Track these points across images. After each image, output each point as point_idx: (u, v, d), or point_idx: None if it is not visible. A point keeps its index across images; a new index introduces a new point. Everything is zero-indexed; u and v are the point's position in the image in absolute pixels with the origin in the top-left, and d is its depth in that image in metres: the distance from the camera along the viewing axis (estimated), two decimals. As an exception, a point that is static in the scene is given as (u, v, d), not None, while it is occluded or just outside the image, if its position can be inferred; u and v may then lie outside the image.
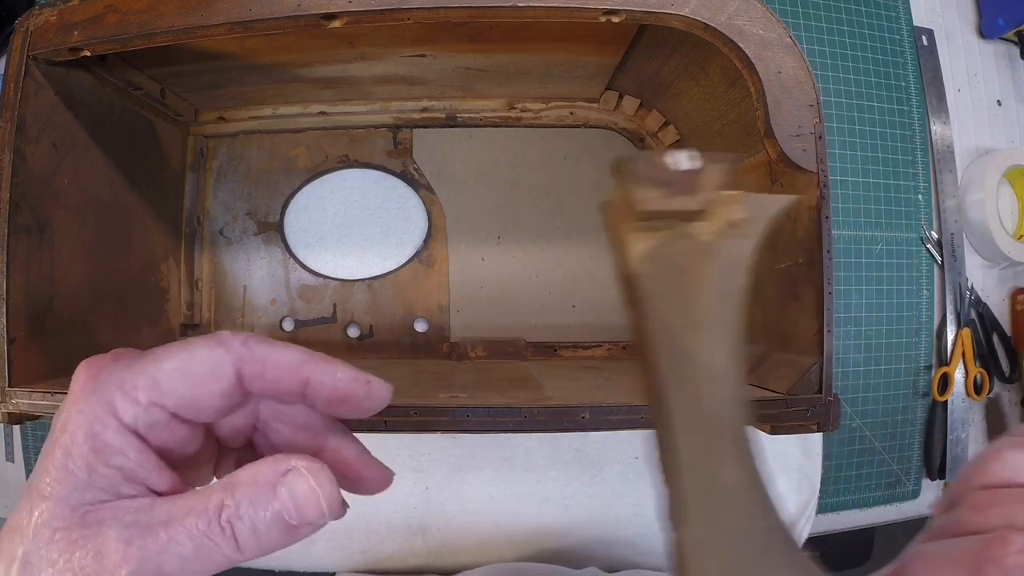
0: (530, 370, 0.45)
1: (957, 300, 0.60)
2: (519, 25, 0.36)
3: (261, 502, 0.18)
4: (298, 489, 0.18)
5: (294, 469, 0.19)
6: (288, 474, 0.19)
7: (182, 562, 0.18)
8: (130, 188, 0.43)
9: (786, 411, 0.32)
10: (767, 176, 0.37)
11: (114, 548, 0.17)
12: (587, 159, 0.52)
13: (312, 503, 0.19)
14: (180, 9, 0.32)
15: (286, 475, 0.19)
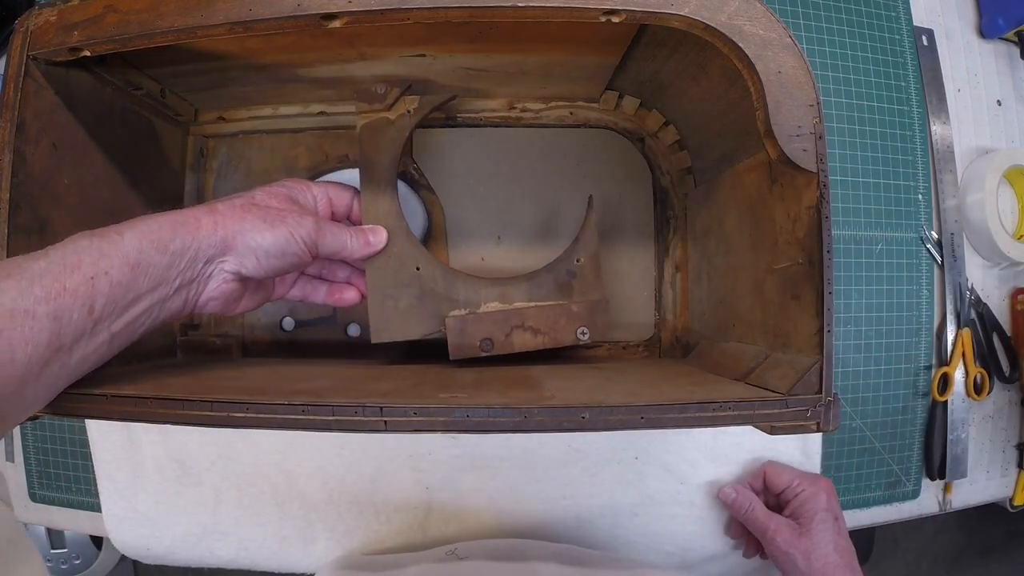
0: (530, 370, 0.45)
1: (957, 300, 0.60)
2: (519, 25, 0.36)
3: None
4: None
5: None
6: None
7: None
8: (130, 188, 0.43)
9: (786, 411, 0.32)
10: (767, 176, 0.37)
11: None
12: (587, 159, 0.52)
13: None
14: (180, 9, 0.32)
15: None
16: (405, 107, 0.46)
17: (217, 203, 0.36)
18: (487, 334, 0.45)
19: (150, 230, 0.32)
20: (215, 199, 0.39)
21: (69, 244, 0.30)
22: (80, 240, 0.30)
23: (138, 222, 0.32)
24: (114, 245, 0.31)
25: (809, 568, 0.46)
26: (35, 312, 0.28)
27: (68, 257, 0.29)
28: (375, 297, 0.45)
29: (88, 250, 0.30)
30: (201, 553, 0.55)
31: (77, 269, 0.29)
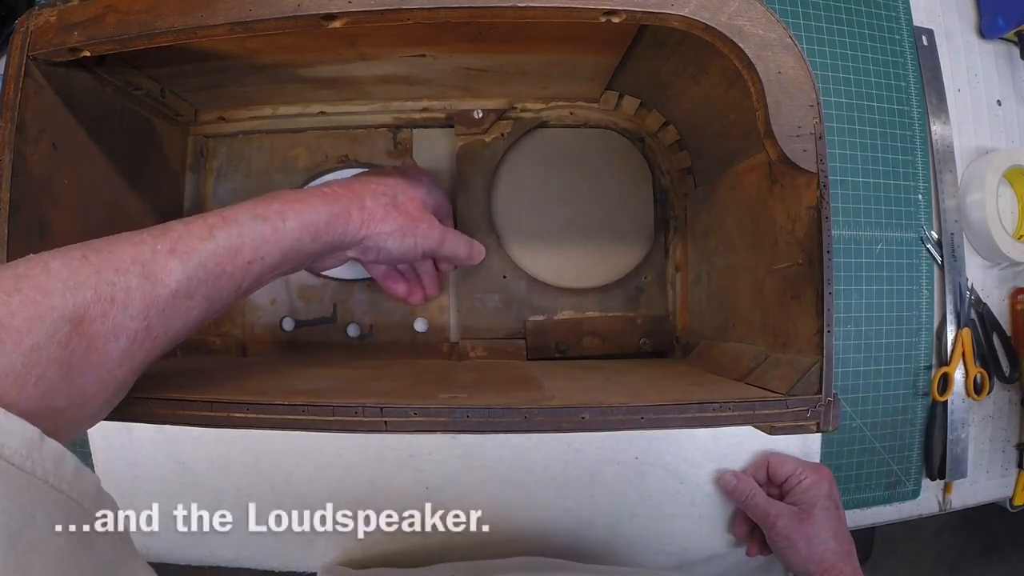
0: (530, 370, 0.45)
1: (957, 300, 0.60)
2: (519, 25, 0.36)
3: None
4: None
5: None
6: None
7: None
8: (130, 188, 0.43)
9: (786, 411, 0.32)
10: (767, 176, 0.37)
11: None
12: (587, 159, 0.52)
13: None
14: (180, 9, 0.32)
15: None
16: (499, 131, 0.51)
17: (366, 196, 0.38)
18: (561, 338, 0.51)
19: (310, 220, 0.34)
20: (360, 181, 0.40)
21: (234, 225, 0.31)
22: (244, 220, 0.31)
23: (297, 204, 0.34)
24: (277, 232, 0.32)
25: (809, 554, 0.47)
26: (195, 294, 0.29)
27: (233, 240, 0.30)
28: (464, 299, 0.51)
29: (252, 234, 0.31)
30: (201, 553, 0.55)
31: (239, 253, 0.31)
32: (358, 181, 0.39)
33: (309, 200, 0.34)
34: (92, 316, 0.25)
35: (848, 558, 0.47)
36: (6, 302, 0.23)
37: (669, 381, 0.40)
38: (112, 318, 0.26)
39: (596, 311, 0.52)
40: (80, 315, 0.25)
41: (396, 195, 0.39)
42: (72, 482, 0.22)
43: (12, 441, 0.20)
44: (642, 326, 0.52)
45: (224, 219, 0.31)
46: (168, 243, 0.28)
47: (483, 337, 0.51)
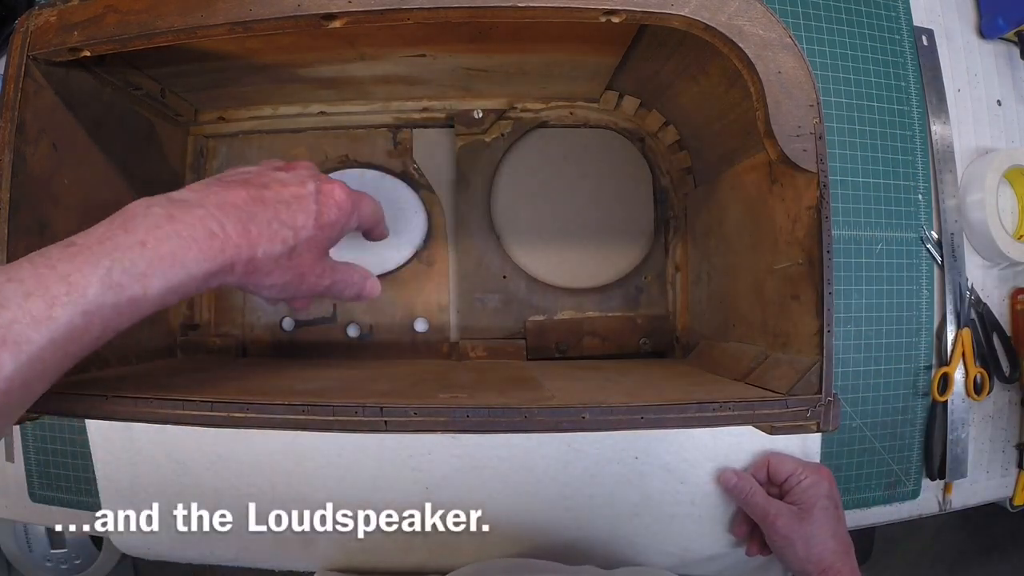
0: (530, 370, 0.45)
1: (957, 300, 0.60)
2: (519, 25, 0.36)
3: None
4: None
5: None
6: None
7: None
8: (130, 188, 0.43)
9: (786, 411, 0.32)
10: (767, 176, 0.37)
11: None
12: (587, 159, 0.52)
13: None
14: (180, 9, 0.32)
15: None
16: (499, 131, 0.51)
17: (262, 243, 0.31)
18: (561, 338, 0.51)
19: (181, 282, 0.28)
20: (275, 208, 0.32)
21: (80, 301, 0.25)
22: (94, 292, 0.26)
23: (166, 264, 0.27)
24: (134, 304, 0.27)
25: (808, 553, 0.47)
26: (30, 383, 0.25)
27: (77, 321, 0.26)
28: (464, 299, 0.51)
29: (104, 311, 0.26)
30: (201, 553, 0.55)
31: (86, 332, 0.26)
32: (268, 207, 0.31)
33: (184, 254, 0.28)
34: None
35: (846, 558, 0.47)
36: None
37: (669, 381, 0.40)
38: None
39: (596, 311, 0.52)
40: None
41: (299, 243, 0.32)
42: None
43: None
44: (642, 326, 0.52)
45: (69, 290, 0.25)
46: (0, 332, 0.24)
47: (483, 337, 0.51)
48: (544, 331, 0.51)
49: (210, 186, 0.31)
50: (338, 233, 0.35)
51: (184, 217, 0.28)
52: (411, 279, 0.52)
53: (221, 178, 0.33)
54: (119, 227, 0.27)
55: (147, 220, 0.28)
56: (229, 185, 0.31)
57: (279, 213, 0.32)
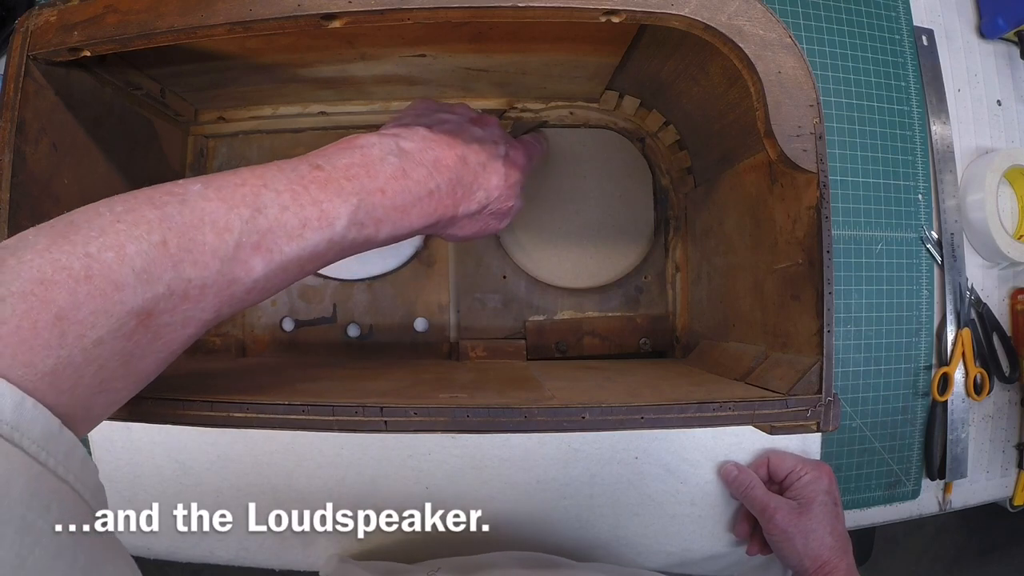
0: (530, 370, 0.45)
1: (957, 300, 0.60)
2: (519, 25, 0.36)
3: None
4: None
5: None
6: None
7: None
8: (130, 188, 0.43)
9: (786, 411, 0.32)
10: (767, 176, 0.37)
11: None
12: (587, 159, 0.52)
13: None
14: (180, 9, 0.32)
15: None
16: None
17: (462, 203, 0.35)
18: (561, 338, 0.51)
19: (404, 230, 0.32)
20: (472, 170, 0.35)
21: (327, 229, 0.28)
22: (341, 224, 0.29)
23: (396, 215, 0.31)
24: (368, 242, 0.31)
25: (806, 548, 0.47)
26: (268, 289, 0.28)
27: (321, 247, 0.28)
28: (464, 299, 0.51)
29: (343, 243, 0.29)
30: (201, 553, 0.55)
31: (322, 258, 0.29)
32: (470, 170, 0.35)
33: (409, 210, 0.31)
34: (161, 310, 0.24)
35: (844, 554, 0.47)
36: (72, 290, 0.21)
37: (669, 381, 0.40)
38: (182, 312, 0.24)
39: (596, 311, 0.52)
40: (149, 310, 0.23)
41: (491, 202, 0.36)
42: (78, 474, 0.22)
43: (33, 431, 0.20)
44: (642, 326, 0.52)
45: (321, 218, 0.28)
46: (255, 236, 0.26)
47: (483, 337, 0.51)
48: (544, 331, 0.51)
49: (427, 140, 0.34)
50: (519, 190, 0.39)
51: (413, 174, 0.32)
52: (411, 279, 0.52)
53: (430, 127, 0.35)
54: (360, 166, 0.30)
55: (385, 167, 0.31)
56: (440, 143, 0.34)
57: (478, 176, 0.35)
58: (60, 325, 0.21)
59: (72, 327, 0.21)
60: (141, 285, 0.23)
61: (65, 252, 0.22)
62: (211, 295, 0.25)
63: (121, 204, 0.24)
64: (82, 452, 0.22)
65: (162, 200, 0.25)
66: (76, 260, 0.21)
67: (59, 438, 0.21)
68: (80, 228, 0.23)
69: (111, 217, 0.23)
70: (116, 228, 0.23)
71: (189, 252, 0.24)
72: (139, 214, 0.24)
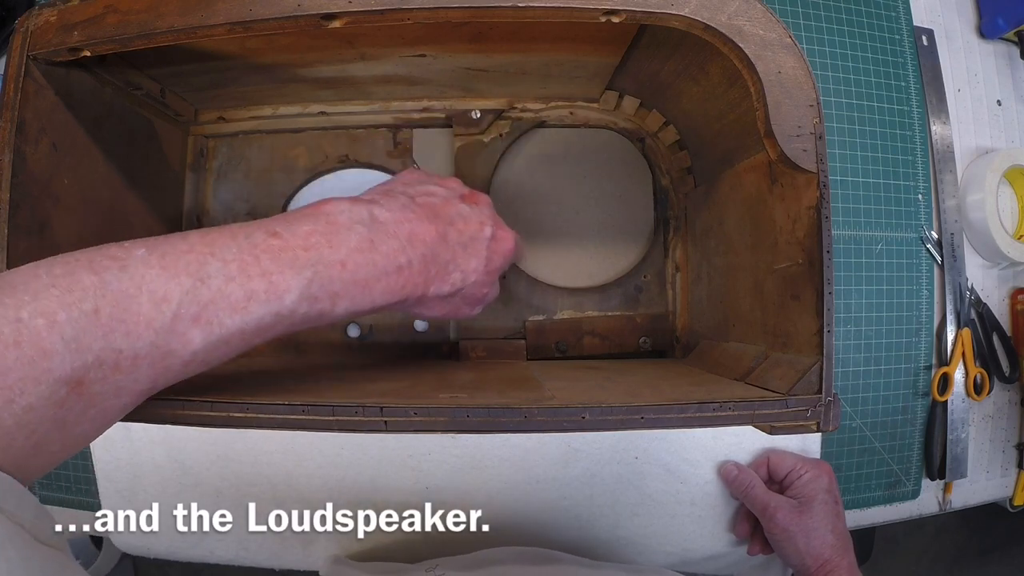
0: (530, 370, 0.45)
1: (957, 300, 0.60)
2: (519, 25, 0.36)
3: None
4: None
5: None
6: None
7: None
8: (130, 188, 0.43)
9: (786, 411, 0.32)
10: (767, 176, 0.37)
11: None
12: (587, 159, 0.52)
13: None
14: (180, 9, 0.32)
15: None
16: (497, 131, 0.51)
17: (432, 284, 0.33)
18: (561, 338, 0.51)
19: (363, 308, 0.30)
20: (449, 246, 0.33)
21: (275, 302, 0.27)
22: (291, 298, 0.27)
23: (356, 291, 0.29)
24: (321, 317, 0.29)
25: (807, 547, 0.47)
26: (208, 362, 0.27)
27: (267, 320, 0.27)
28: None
29: (293, 317, 0.28)
30: (201, 553, 0.55)
31: (270, 330, 0.28)
32: (448, 248, 0.33)
33: (372, 285, 0.29)
34: (92, 379, 0.23)
35: (845, 552, 0.47)
36: (2, 356, 0.21)
37: (669, 381, 0.40)
38: (114, 381, 0.24)
39: (596, 311, 0.52)
40: (79, 379, 0.23)
41: (465, 286, 0.34)
42: (15, 507, 0.22)
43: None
44: (642, 326, 0.52)
45: (269, 291, 0.26)
46: (195, 307, 0.25)
47: (483, 337, 0.51)
48: (544, 331, 0.51)
49: (405, 210, 0.32)
50: (496, 277, 0.37)
51: (381, 246, 0.30)
52: (411, 279, 0.52)
53: (414, 198, 0.33)
54: (323, 234, 0.28)
55: (350, 238, 0.29)
56: (420, 214, 0.32)
57: (456, 256, 0.33)
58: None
59: (1, 392, 0.21)
60: (70, 354, 0.22)
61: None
62: (144, 366, 0.24)
63: (61, 267, 0.24)
64: (18, 488, 0.22)
65: (102, 265, 0.24)
66: (6, 325, 0.21)
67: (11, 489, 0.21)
68: (16, 290, 0.22)
69: (47, 280, 0.23)
70: (50, 293, 0.23)
71: (122, 322, 0.23)
72: (75, 279, 0.23)
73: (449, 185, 0.36)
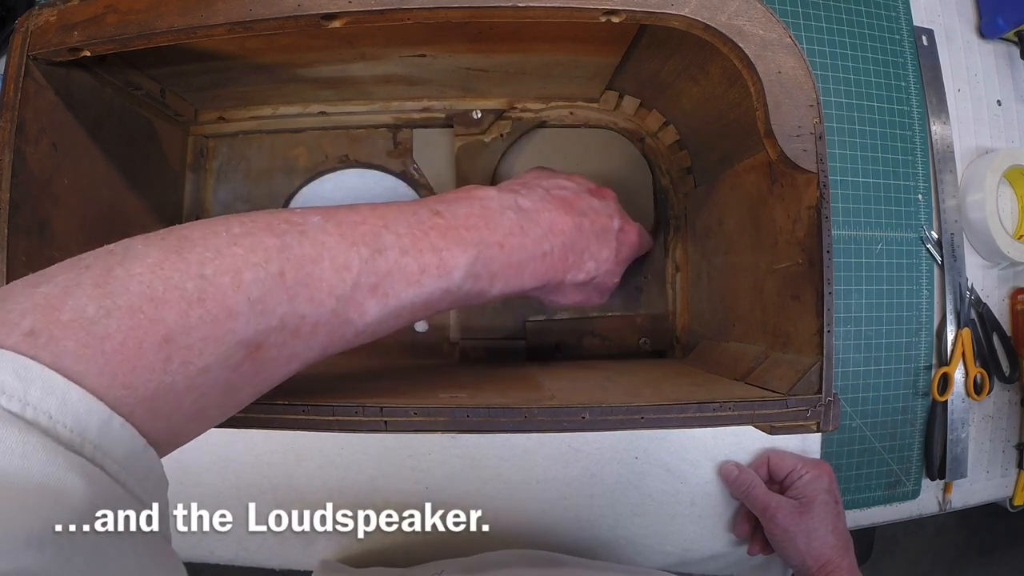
0: (530, 370, 0.45)
1: (957, 300, 0.60)
2: (519, 25, 0.36)
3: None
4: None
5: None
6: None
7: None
8: (130, 188, 0.43)
9: (786, 411, 0.32)
10: (767, 176, 0.37)
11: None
12: (587, 159, 0.52)
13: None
14: (180, 9, 0.32)
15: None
16: (498, 131, 0.51)
17: (569, 272, 0.34)
18: (561, 338, 0.51)
19: (514, 288, 0.31)
20: (584, 236, 0.35)
21: (445, 279, 0.27)
22: (459, 276, 0.28)
23: (511, 272, 0.30)
24: (480, 296, 0.30)
25: (808, 547, 0.47)
26: (376, 333, 0.27)
27: (436, 296, 0.28)
28: None
29: (457, 294, 0.28)
30: (201, 553, 0.55)
31: (435, 306, 0.28)
32: (583, 238, 0.34)
33: (523, 268, 0.30)
34: (271, 344, 0.23)
35: (846, 553, 0.47)
36: (184, 313, 0.20)
37: (669, 381, 0.40)
38: (291, 347, 0.23)
39: (596, 311, 0.52)
40: (259, 342, 0.22)
41: (599, 275, 0.36)
42: (152, 494, 0.21)
43: (116, 451, 0.19)
44: (642, 326, 0.52)
45: (440, 266, 0.27)
46: (373, 278, 0.25)
47: (483, 337, 0.51)
48: (544, 331, 0.51)
49: (544, 200, 0.33)
50: (624, 267, 0.38)
51: (530, 232, 0.31)
52: (411, 279, 0.52)
53: (549, 190, 0.34)
54: (481, 217, 0.29)
55: (503, 222, 0.30)
56: (557, 205, 0.33)
57: (590, 245, 0.35)
58: (167, 348, 0.19)
59: (179, 352, 0.20)
60: (255, 316, 0.21)
61: (179, 271, 0.20)
62: (322, 334, 0.24)
63: (239, 226, 0.23)
64: (159, 471, 0.22)
65: (281, 228, 0.23)
66: (190, 281, 0.20)
67: (142, 458, 0.21)
68: (195, 246, 0.21)
69: (228, 238, 0.22)
70: (233, 251, 0.22)
71: (306, 287, 0.23)
72: (257, 239, 0.23)
73: (577, 180, 0.38)
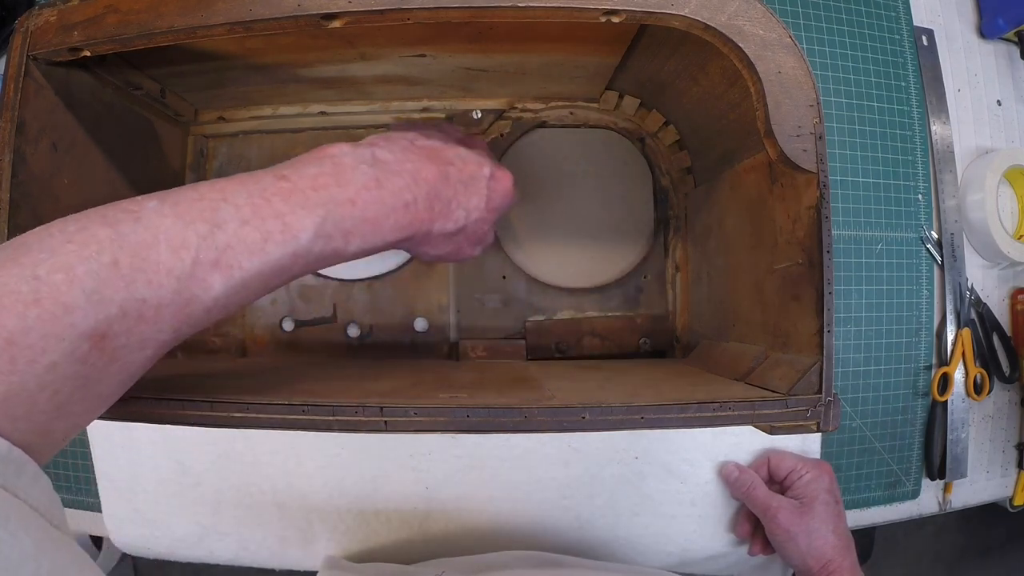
0: (530, 370, 0.45)
1: (957, 300, 0.60)
2: (519, 25, 0.36)
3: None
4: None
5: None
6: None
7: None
8: (130, 188, 0.43)
9: (786, 411, 0.32)
10: (767, 176, 0.37)
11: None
12: (587, 159, 0.52)
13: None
14: (180, 9, 0.32)
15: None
16: (498, 131, 0.51)
17: (437, 221, 0.33)
18: (561, 338, 0.51)
19: (374, 244, 0.31)
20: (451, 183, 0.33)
21: (292, 242, 0.27)
22: (306, 237, 0.28)
23: (367, 228, 0.30)
24: (337, 255, 0.30)
25: (809, 547, 0.47)
26: (229, 306, 0.27)
27: (286, 260, 0.27)
28: (464, 299, 0.51)
29: (310, 256, 0.28)
30: (201, 553, 0.55)
31: (287, 271, 0.28)
32: (450, 186, 0.33)
33: (382, 222, 0.30)
34: (116, 332, 0.23)
35: (847, 552, 0.47)
36: (22, 315, 0.21)
37: (669, 381, 0.40)
38: (138, 333, 0.24)
39: (596, 311, 0.52)
40: (103, 332, 0.23)
41: (468, 224, 0.35)
42: (28, 490, 0.21)
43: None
44: (642, 326, 0.52)
45: (284, 231, 0.27)
46: (213, 253, 0.25)
47: (483, 337, 0.51)
48: (544, 331, 0.51)
49: (406, 151, 0.33)
50: (497, 217, 0.38)
51: (388, 184, 0.30)
52: (411, 279, 0.52)
53: (413, 141, 0.34)
54: (330, 175, 0.29)
55: (356, 177, 0.29)
56: (421, 155, 0.33)
57: (458, 193, 0.34)
58: (10, 350, 0.20)
59: (23, 352, 0.21)
60: (92, 307, 0.22)
61: (14, 275, 0.21)
62: (167, 315, 0.24)
63: (74, 224, 0.24)
64: (33, 468, 0.22)
65: (115, 218, 0.24)
66: (24, 284, 0.21)
67: (7, 459, 0.21)
68: (31, 250, 0.22)
69: (62, 238, 0.23)
70: (66, 249, 0.22)
71: (142, 271, 0.23)
72: (90, 233, 0.23)
73: (445, 128, 0.38)
